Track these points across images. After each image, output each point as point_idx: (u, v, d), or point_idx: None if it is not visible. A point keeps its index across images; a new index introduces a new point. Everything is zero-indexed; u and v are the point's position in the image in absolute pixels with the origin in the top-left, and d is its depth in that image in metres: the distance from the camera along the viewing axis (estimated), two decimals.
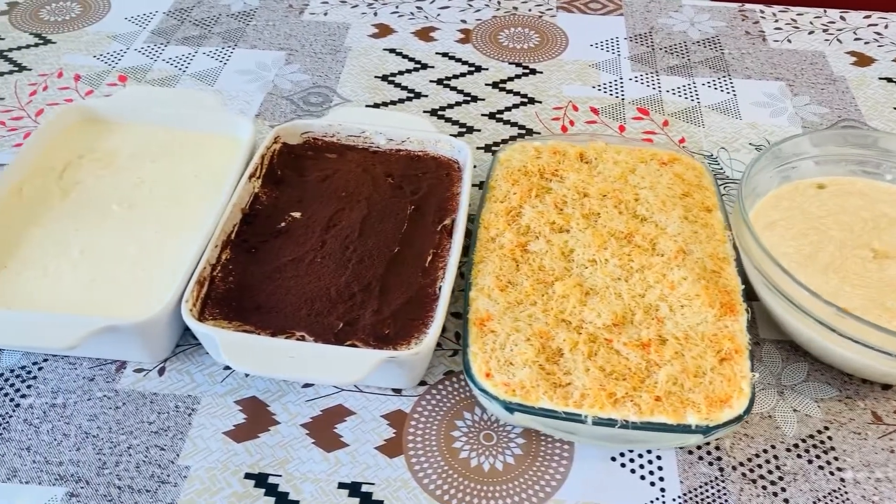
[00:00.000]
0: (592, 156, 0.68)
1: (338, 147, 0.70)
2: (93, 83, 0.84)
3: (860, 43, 0.92)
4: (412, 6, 0.98)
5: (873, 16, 0.96)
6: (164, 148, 0.69)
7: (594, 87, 0.85)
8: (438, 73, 0.87)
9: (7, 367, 0.56)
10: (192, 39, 0.91)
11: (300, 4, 0.97)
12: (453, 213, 0.64)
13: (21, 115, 0.79)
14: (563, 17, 0.96)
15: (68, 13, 0.95)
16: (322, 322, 0.55)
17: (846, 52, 0.90)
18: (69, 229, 0.61)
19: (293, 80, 0.85)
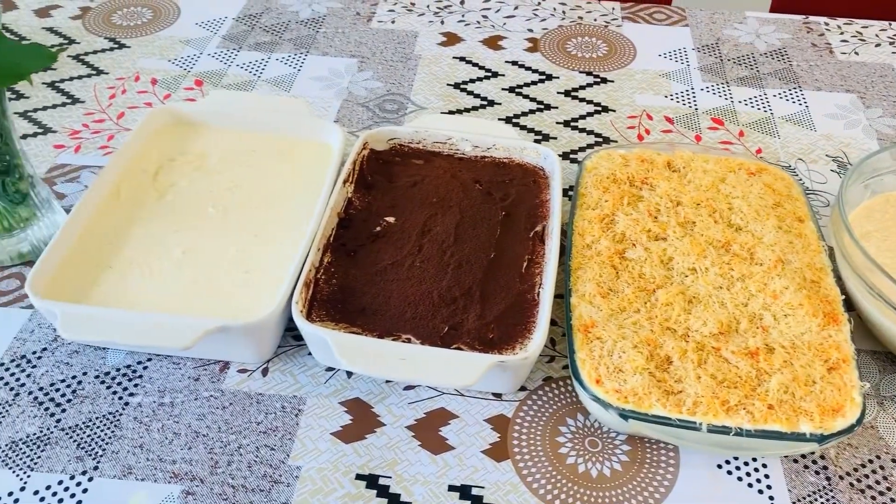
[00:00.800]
0: (680, 164, 0.68)
1: (424, 153, 0.71)
2: (170, 87, 0.85)
3: None
4: (478, 15, 0.99)
5: None
6: (254, 152, 0.70)
7: (666, 96, 0.85)
8: (509, 80, 0.88)
9: (113, 367, 0.57)
10: (263, 45, 0.92)
11: (368, 12, 0.98)
12: (544, 220, 0.64)
13: (102, 118, 0.80)
14: (628, 26, 0.97)
15: (139, 18, 0.96)
16: (427, 325, 0.55)
17: None
18: (168, 230, 0.62)
19: (367, 87, 0.86)
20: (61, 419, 0.54)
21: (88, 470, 0.51)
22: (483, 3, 1.01)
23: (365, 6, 1.00)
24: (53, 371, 0.57)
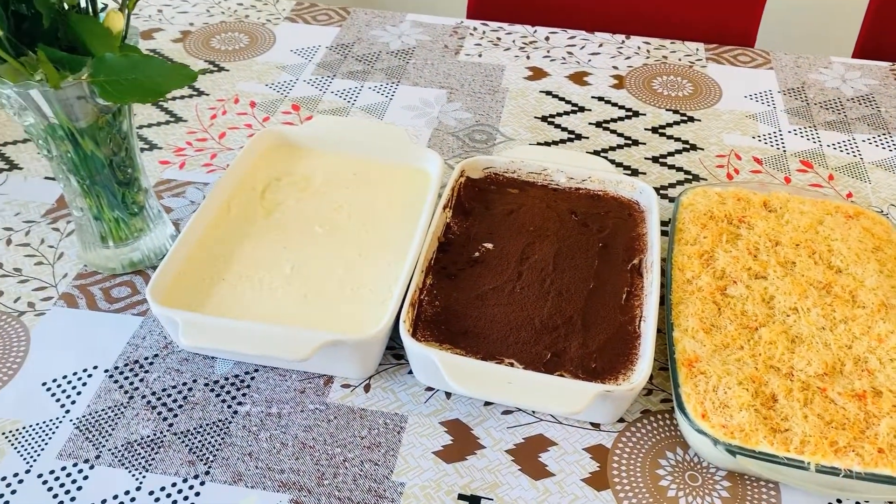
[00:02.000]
0: (777, 205, 0.68)
1: (519, 183, 0.72)
2: (268, 110, 0.88)
3: None
4: (563, 51, 1.00)
5: None
6: (357, 175, 0.72)
7: (753, 137, 0.86)
8: (596, 115, 0.89)
9: (221, 375, 0.59)
10: (356, 74, 0.95)
11: (455, 46, 1.01)
12: (641, 253, 0.65)
13: (205, 136, 0.84)
14: (713, 67, 0.98)
15: (237, 43, 1.00)
16: (530, 351, 0.56)
17: None
18: (277, 246, 0.64)
19: (456, 117, 0.88)
20: (173, 423, 0.56)
21: (200, 474, 0.53)
22: (568, 39, 1.03)
23: (452, 40, 1.02)
24: (165, 377, 0.59)
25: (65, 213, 0.73)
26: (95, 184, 0.61)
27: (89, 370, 0.59)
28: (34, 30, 0.52)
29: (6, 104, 0.56)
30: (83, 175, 0.60)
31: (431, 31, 1.04)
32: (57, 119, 0.56)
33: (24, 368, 0.59)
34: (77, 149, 0.59)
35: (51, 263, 0.68)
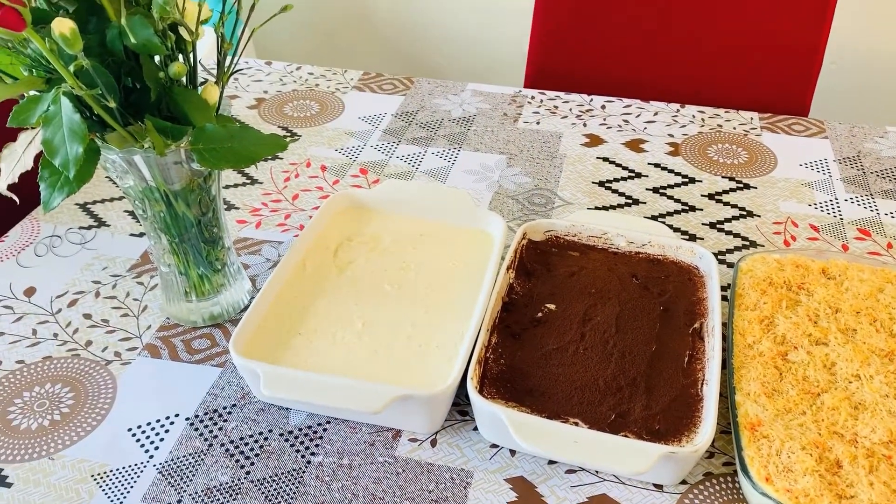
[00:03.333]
0: (836, 272, 0.69)
1: (580, 246, 0.75)
2: (338, 174, 0.93)
3: None
4: (619, 119, 1.04)
5: None
6: (423, 236, 0.75)
7: (810, 205, 0.87)
8: (653, 181, 0.91)
9: (295, 426, 0.62)
10: (420, 140, 0.99)
11: (514, 114, 1.05)
12: (702, 318, 0.66)
13: (279, 198, 0.88)
14: (767, 136, 1.00)
15: (308, 110, 1.06)
16: (594, 411, 0.58)
17: None
18: (349, 303, 0.67)
19: (516, 181, 0.92)
20: (250, 471, 0.58)
21: None
22: (623, 108, 1.06)
23: (511, 108, 1.07)
24: (242, 426, 0.62)
25: (148, 267, 0.78)
26: (184, 242, 0.66)
27: (171, 418, 0.62)
28: (141, 101, 0.57)
29: (109, 167, 0.61)
30: (173, 234, 0.65)
31: (491, 100, 1.09)
32: (154, 182, 0.61)
33: (111, 414, 0.63)
34: (170, 209, 0.63)
35: (136, 315, 0.72)
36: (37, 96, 0.51)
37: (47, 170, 0.55)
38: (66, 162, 0.49)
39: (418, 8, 1.99)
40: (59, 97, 0.50)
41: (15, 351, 0.69)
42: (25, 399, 0.64)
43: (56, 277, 0.77)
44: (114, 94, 0.54)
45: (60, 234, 0.82)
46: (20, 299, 0.74)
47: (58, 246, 0.81)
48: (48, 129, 0.49)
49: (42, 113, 0.50)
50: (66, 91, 0.50)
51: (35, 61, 0.55)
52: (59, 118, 0.50)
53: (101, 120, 0.55)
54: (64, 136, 0.49)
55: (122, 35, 0.54)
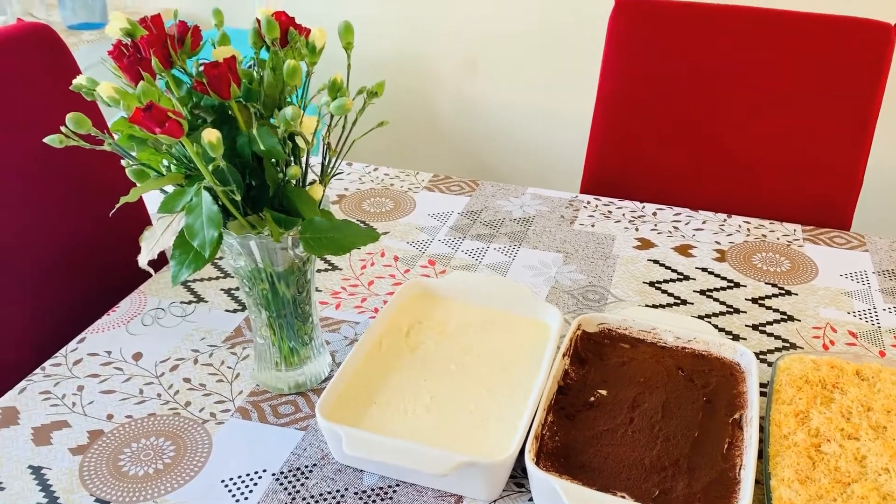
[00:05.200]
0: (869, 374, 0.75)
1: (630, 339, 0.82)
2: (409, 264, 1.02)
3: None
4: (669, 226, 1.12)
5: None
6: (486, 323, 0.84)
7: (848, 312, 0.93)
8: (700, 284, 0.99)
9: (369, 486, 0.69)
10: (483, 237, 1.09)
11: (570, 216, 1.15)
12: (742, 409, 0.72)
13: (356, 283, 0.98)
14: (809, 247, 1.07)
15: (384, 206, 1.17)
16: (640, 487, 0.64)
17: None
18: (419, 379, 0.75)
19: (571, 278, 1.00)
20: None
21: None
22: (674, 215, 1.15)
23: (568, 211, 1.16)
24: (322, 484, 0.69)
25: (241, 340, 0.88)
26: (280, 318, 0.75)
27: (259, 473, 0.70)
28: (259, 196, 0.68)
29: (226, 250, 0.72)
30: (272, 310, 0.75)
31: (549, 203, 1.19)
32: (262, 264, 0.71)
33: (207, 467, 0.71)
34: (272, 288, 0.73)
35: (229, 381, 0.81)
36: (181, 189, 0.62)
37: (178, 249, 0.65)
38: (203, 243, 0.60)
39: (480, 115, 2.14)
40: (200, 191, 0.61)
41: (125, 407, 0.78)
42: (133, 449, 0.73)
43: (160, 345, 0.87)
44: (240, 189, 0.65)
45: (164, 308, 0.93)
46: (129, 362, 0.84)
47: (162, 318, 0.91)
48: (190, 216, 0.60)
49: (186, 203, 0.61)
50: (206, 186, 0.61)
51: (177, 159, 0.66)
52: (199, 208, 0.60)
53: (225, 209, 0.66)
54: (203, 223, 0.60)
55: (251, 142, 0.65)
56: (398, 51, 2.12)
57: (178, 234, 0.65)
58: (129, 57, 0.62)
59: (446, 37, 2.08)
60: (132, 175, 0.65)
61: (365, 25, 2.12)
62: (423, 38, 2.10)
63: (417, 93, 2.18)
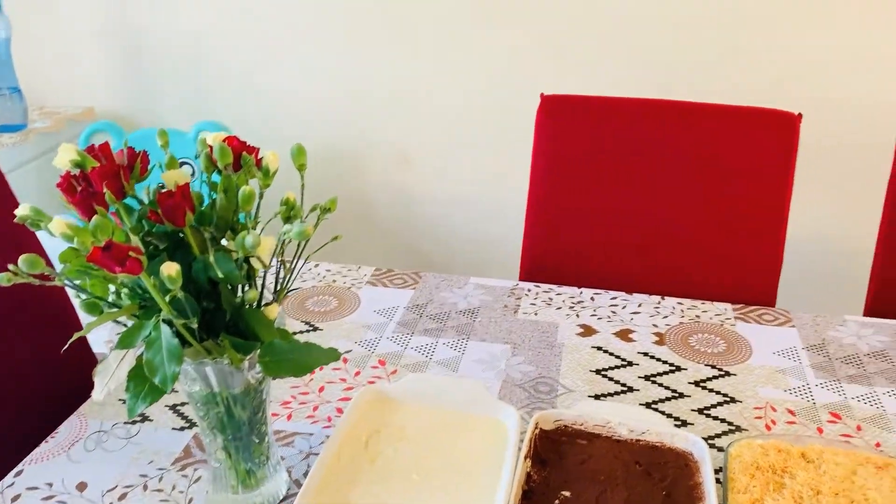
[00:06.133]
0: (814, 456, 0.78)
1: (586, 434, 0.84)
2: (359, 365, 1.02)
3: None
4: (608, 310, 1.16)
5: None
6: (444, 426, 0.84)
7: (785, 390, 0.97)
8: (643, 370, 1.02)
9: None
10: (431, 331, 1.10)
11: (514, 305, 1.17)
12: (701, 501, 0.74)
13: (307, 391, 0.97)
14: (741, 325, 1.12)
15: (328, 305, 1.17)
16: None
17: None
18: (382, 492, 0.75)
19: (521, 370, 1.01)
20: None
21: None
22: (611, 300, 1.19)
23: (511, 300, 1.19)
24: None
25: (192, 461, 0.85)
26: (236, 440, 0.74)
27: None
28: (215, 320, 0.67)
29: (180, 377, 0.70)
30: (228, 433, 0.73)
31: (492, 293, 1.21)
32: (218, 388, 0.70)
33: None
34: (228, 411, 0.72)
35: None
36: (140, 323, 0.61)
37: (133, 381, 0.64)
38: (165, 379, 0.58)
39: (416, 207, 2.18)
40: (159, 324, 0.60)
41: None
42: None
43: (106, 472, 0.83)
44: (197, 316, 0.64)
45: (107, 430, 0.89)
46: (73, 494, 0.80)
47: (105, 441, 0.88)
48: (150, 351, 0.59)
49: (144, 337, 0.60)
50: (164, 318, 0.60)
51: (131, 289, 0.65)
52: (159, 342, 0.59)
53: (181, 336, 0.65)
54: (163, 358, 0.59)
55: (207, 268, 0.65)
56: (331, 146, 2.15)
57: (133, 366, 0.63)
58: (81, 191, 0.61)
59: (380, 131, 2.12)
60: (84, 308, 0.64)
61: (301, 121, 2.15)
62: (356, 133, 2.14)
63: (353, 188, 2.20)
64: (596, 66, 1.92)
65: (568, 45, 1.92)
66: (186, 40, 2.11)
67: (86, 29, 2.14)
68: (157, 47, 2.14)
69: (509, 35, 1.94)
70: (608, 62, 1.91)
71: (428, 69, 2.03)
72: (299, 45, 2.06)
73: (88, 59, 2.17)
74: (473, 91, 2.02)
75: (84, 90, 2.19)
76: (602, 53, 1.90)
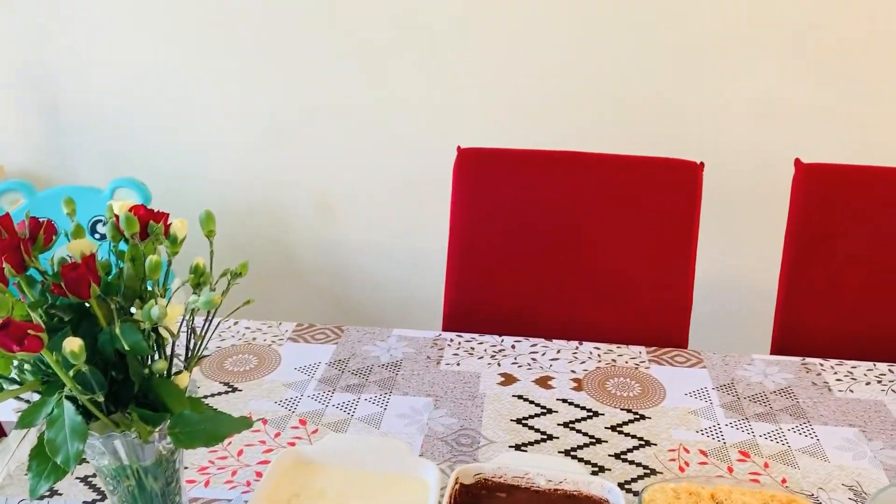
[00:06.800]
0: (723, 497, 0.81)
1: (506, 487, 0.85)
2: (278, 426, 1.01)
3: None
4: (528, 358, 1.18)
5: None
6: (366, 487, 0.84)
7: (697, 431, 1.01)
8: (562, 416, 1.04)
9: None
10: (353, 387, 1.10)
11: (436, 356, 1.18)
12: None
13: (225, 455, 0.95)
14: (655, 368, 1.16)
15: (247, 364, 1.15)
16: None
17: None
18: None
19: (443, 423, 1.02)
20: None
21: None
22: (530, 347, 1.21)
23: (433, 351, 1.20)
24: None
25: None
26: None
27: None
28: (122, 392, 0.66)
29: (87, 450, 0.68)
30: None
31: (415, 344, 1.22)
32: (128, 461, 0.68)
33: None
34: (139, 483, 0.70)
35: None
36: (42, 400, 0.60)
37: (36, 460, 0.62)
38: (67, 459, 0.57)
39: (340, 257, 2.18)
40: (62, 401, 0.58)
41: None
42: None
43: None
44: (103, 390, 0.63)
45: None
46: None
47: None
48: (52, 430, 0.58)
49: (46, 415, 0.58)
50: (67, 395, 0.59)
51: (34, 366, 0.64)
52: (61, 419, 0.58)
53: (87, 410, 0.64)
54: (66, 436, 0.57)
55: (114, 339, 0.64)
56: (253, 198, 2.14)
57: (34, 445, 0.61)
58: None
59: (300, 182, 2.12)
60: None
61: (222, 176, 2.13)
62: (277, 184, 2.13)
63: (274, 239, 2.19)
64: (511, 119, 1.98)
65: (483, 100, 1.97)
66: (103, 95, 2.08)
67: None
68: (73, 102, 2.10)
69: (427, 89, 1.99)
70: (522, 116, 1.97)
71: (348, 120, 2.05)
72: (217, 99, 2.06)
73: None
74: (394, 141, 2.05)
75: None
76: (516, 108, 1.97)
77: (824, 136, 1.89)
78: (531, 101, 1.95)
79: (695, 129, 1.91)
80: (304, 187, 2.13)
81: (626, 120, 1.93)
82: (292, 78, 2.01)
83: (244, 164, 2.12)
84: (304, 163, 2.10)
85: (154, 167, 2.11)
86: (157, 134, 2.10)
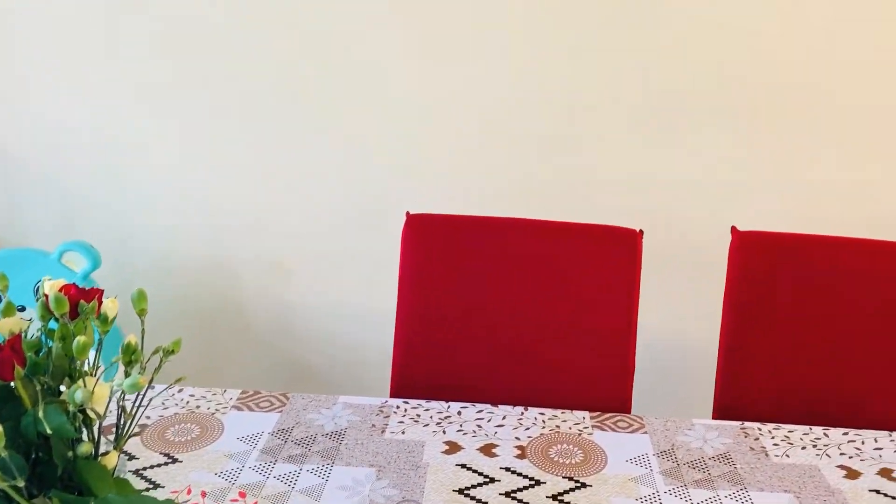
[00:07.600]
0: None
1: None
2: (217, 498, 0.99)
3: (845, 458, 1.12)
4: (473, 425, 1.19)
5: (850, 432, 1.18)
6: None
7: (637, 499, 1.02)
8: (504, 486, 1.04)
9: None
10: (296, 458, 1.09)
11: (381, 424, 1.18)
12: None
13: None
14: (598, 434, 1.17)
15: (189, 434, 1.14)
16: None
17: (836, 466, 1.10)
18: None
19: (385, 494, 1.02)
20: None
21: None
22: (476, 413, 1.22)
23: (379, 419, 1.20)
24: None
25: None
26: None
27: None
28: (46, 474, 0.65)
29: None
30: None
31: (360, 412, 1.21)
32: None
33: None
34: None
35: None
36: None
37: None
38: None
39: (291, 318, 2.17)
40: None
41: None
42: None
43: None
44: (24, 475, 0.62)
45: None
46: None
47: None
48: None
49: None
50: None
51: None
52: None
53: (6, 494, 0.63)
54: None
55: (37, 422, 0.63)
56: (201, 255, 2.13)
57: None
58: None
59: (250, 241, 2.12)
60: None
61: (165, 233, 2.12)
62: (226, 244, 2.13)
63: (223, 299, 2.17)
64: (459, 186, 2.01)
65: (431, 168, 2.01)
66: (51, 156, 2.07)
67: None
68: (20, 162, 2.09)
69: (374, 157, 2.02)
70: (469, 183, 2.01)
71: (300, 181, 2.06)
72: (166, 160, 2.06)
73: None
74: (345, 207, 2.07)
75: None
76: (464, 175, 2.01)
77: (761, 204, 1.96)
78: (477, 168, 1.99)
79: (635, 197, 1.97)
80: (253, 244, 2.12)
81: (566, 186, 1.98)
82: (239, 140, 2.03)
83: (197, 224, 2.11)
84: (255, 218, 2.10)
85: (104, 228, 2.10)
86: (107, 195, 2.09)
